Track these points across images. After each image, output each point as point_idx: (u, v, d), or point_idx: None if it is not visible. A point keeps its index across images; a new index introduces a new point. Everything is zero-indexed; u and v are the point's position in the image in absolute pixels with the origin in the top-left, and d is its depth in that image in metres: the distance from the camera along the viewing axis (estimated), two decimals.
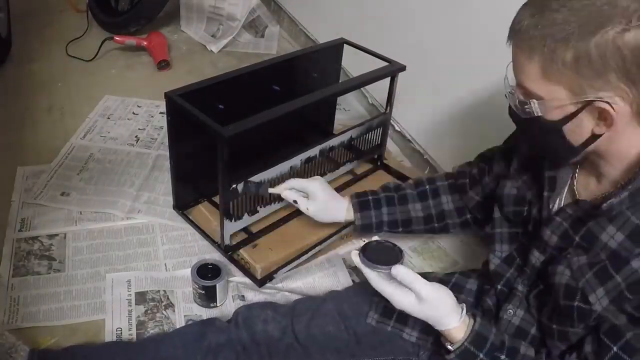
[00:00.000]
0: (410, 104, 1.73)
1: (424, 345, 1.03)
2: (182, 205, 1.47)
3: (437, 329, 0.87)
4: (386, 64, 1.48)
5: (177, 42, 2.46)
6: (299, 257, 1.34)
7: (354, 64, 1.82)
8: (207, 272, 1.23)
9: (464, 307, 0.87)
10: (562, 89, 0.69)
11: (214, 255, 1.37)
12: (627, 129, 0.71)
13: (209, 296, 1.23)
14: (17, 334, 1.11)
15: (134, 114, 1.93)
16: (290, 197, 1.21)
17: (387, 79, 1.49)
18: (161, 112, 1.92)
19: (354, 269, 1.39)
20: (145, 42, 2.28)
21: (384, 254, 0.90)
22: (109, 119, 1.89)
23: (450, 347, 0.86)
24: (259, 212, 1.35)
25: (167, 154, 1.39)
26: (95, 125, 1.85)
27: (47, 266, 1.32)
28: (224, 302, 1.26)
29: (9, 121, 1.82)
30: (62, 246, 1.38)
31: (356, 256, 0.91)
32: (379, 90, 1.80)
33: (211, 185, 1.29)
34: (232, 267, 1.34)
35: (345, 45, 1.59)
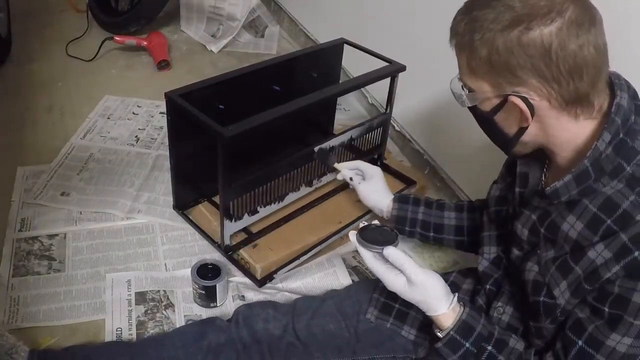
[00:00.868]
0: (410, 104, 1.73)
1: (422, 343, 1.04)
2: (182, 205, 1.47)
3: (427, 315, 0.88)
4: (386, 64, 1.48)
5: (177, 42, 2.46)
6: (299, 257, 1.34)
7: (354, 64, 1.82)
8: (207, 272, 1.23)
9: (456, 296, 0.88)
10: (485, 83, 0.74)
11: (214, 255, 1.37)
12: (553, 121, 0.74)
13: (209, 296, 1.23)
14: (17, 334, 1.11)
15: (134, 114, 1.93)
16: (347, 175, 1.28)
17: (387, 79, 1.49)
18: (161, 112, 1.92)
19: (354, 268, 1.39)
20: (145, 42, 2.28)
21: (381, 236, 0.91)
22: (109, 119, 1.89)
23: (439, 334, 0.87)
24: (259, 212, 1.35)
25: (167, 154, 1.39)
26: (95, 125, 1.85)
27: (47, 266, 1.32)
28: (224, 302, 1.26)
29: (9, 121, 1.82)
30: (62, 246, 1.38)
31: (353, 235, 0.92)
32: (379, 90, 1.80)
33: (211, 185, 1.29)
34: (232, 267, 1.34)
35: (345, 45, 1.59)
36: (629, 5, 1.03)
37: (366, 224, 0.95)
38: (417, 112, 1.75)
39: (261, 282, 1.29)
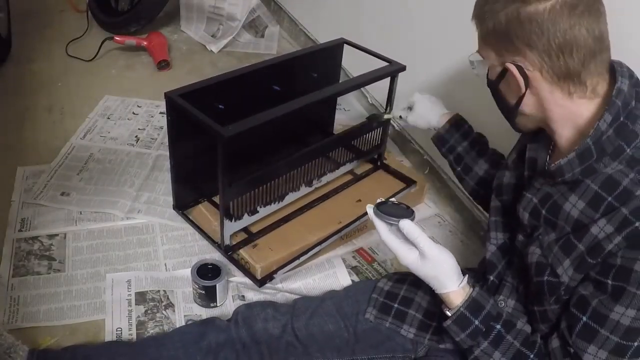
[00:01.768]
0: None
1: (421, 341, 1.04)
2: (182, 205, 1.47)
3: (437, 292, 0.87)
4: (386, 64, 1.48)
5: (177, 42, 2.46)
6: (299, 257, 1.34)
7: (354, 64, 1.82)
8: (207, 272, 1.23)
9: (467, 276, 0.87)
10: (492, 52, 0.81)
11: (214, 255, 1.37)
12: (547, 94, 0.78)
13: (209, 296, 1.23)
14: (17, 334, 1.11)
15: (134, 114, 1.93)
16: (396, 116, 1.38)
17: (387, 79, 1.49)
18: (161, 112, 1.92)
19: (354, 269, 1.39)
20: (145, 42, 2.28)
21: (397, 210, 0.90)
22: (109, 119, 1.89)
23: (448, 313, 0.86)
24: (259, 212, 1.35)
25: (167, 154, 1.39)
26: (95, 125, 1.85)
27: (47, 266, 1.32)
28: (224, 302, 1.26)
29: (9, 121, 1.82)
30: (62, 246, 1.38)
31: (370, 208, 0.91)
32: (379, 90, 1.80)
33: (211, 185, 1.29)
34: (232, 267, 1.34)
35: (345, 45, 1.59)
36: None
37: (384, 200, 0.94)
38: None
39: (261, 282, 1.29)
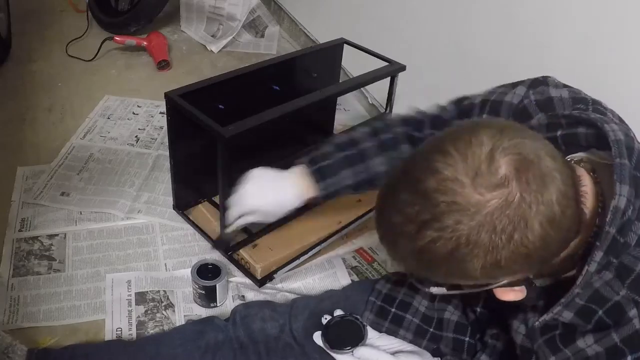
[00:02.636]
0: (410, 104, 1.73)
1: (418, 346, 1.03)
2: (182, 205, 1.47)
3: None
4: (386, 64, 1.48)
5: (177, 42, 2.46)
6: (298, 257, 1.34)
7: (354, 64, 1.82)
8: (207, 272, 1.23)
9: None
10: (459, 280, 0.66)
11: (214, 255, 1.37)
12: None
13: (209, 296, 1.23)
14: (17, 334, 1.11)
15: (134, 114, 1.93)
16: (242, 222, 1.06)
17: (387, 79, 1.49)
18: (161, 112, 1.92)
19: (354, 269, 1.39)
20: (145, 42, 2.28)
21: (348, 330, 0.92)
22: (109, 119, 1.89)
23: None
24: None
25: (167, 154, 1.39)
26: (95, 125, 1.85)
27: (47, 266, 1.32)
28: (224, 302, 1.26)
29: (9, 121, 1.82)
30: (62, 246, 1.38)
31: (318, 339, 0.93)
32: (379, 90, 1.80)
33: (211, 185, 1.29)
34: (232, 267, 1.34)
35: (345, 45, 1.59)
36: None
37: (328, 318, 0.96)
38: None
39: (261, 282, 1.29)
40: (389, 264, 1.42)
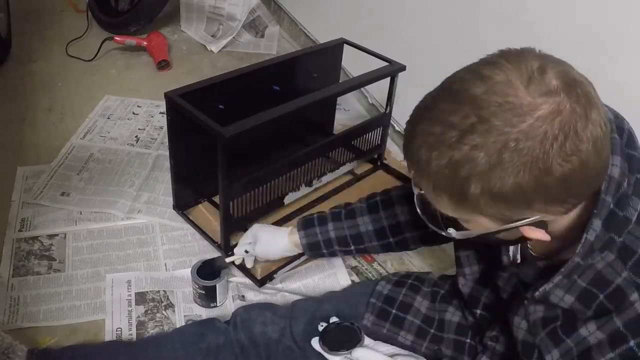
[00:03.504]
0: (410, 104, 1.73)
1: (418, 348, 1.03)
2: (182, 205, 1.47)
3: None
4: (386, 64, 1.48)
5: (177, 42, 2.46)
6: (299, 257, 1.34)
7: (354, 64, 1.82)
8: (207, 272, 1.23)
9: None
10: (482, 217, 0.63)
11: (214, 255, 1.37)
12: (561, 222, 0.67)
13: (209, 296, 1.23)
14: (17, 334, 1.11)
15: (134, 114, 1.93)
16: (240, 255, 1.23)
17: (387, 79, 1.49)
18: (161, 112, 1.92)
19: (354, 269, 1.39)
20: (145, 42, 2.28)
21: (344, 334, 0.93)
22: (109, 119, 1.89)
23: None
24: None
25: (167, 154, 1.39)
26: (95, 125, 1.85)
27: (47, 266, 1.32)
28: (224, 302, 1.26)
29: (9, 121, 1.82)
30: (62, 246, 1.38)
31: (316, 343, 0.93)
32: (379, 90, 1.80)
33: (211, 185, 1.29)
34: (232, 267, 1.34)
35: (345, 45, 1.59)
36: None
37: (325, 325, 0.97)
38: None
39: (261, 282, 1.29)
40: (389, 264, 1.42)
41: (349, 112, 2.06)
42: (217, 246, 1.37)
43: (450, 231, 0.70)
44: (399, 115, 1.78)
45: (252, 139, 1.20)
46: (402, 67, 1.47)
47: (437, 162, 0.58)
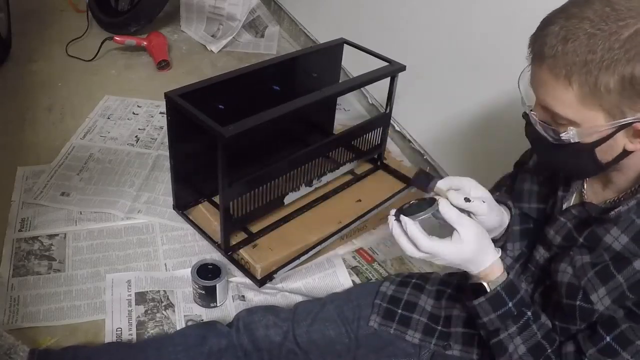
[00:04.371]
0: (410, 104, 1.73)
1: (426, 346, 1.03)
2: (182, 205, 1.47)
3: (473, 272, 0.81)
4: (386, 64, 1.48)
5: (177, 42, 2.46)
6: (299, 257, 1.34)
7: (354, 64, 1.82)
8: (207, 272, 1.23)
9: (500, 250, 0.83)
10: (599, 113, 0.66)
11: (214, 255, 1.37)
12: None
13: (209, 296, 1.23)
14: (17, 334, 1.11)
15: (134, 114, 1.93)
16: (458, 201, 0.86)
17: (387, 79, 1.49)
18: (161, 112, 1.92)
19: (354, 269, 1.39)
20: (145, 42, 2.28)
21: (418, 207, 0.80)
22: (109, 119, 1.89)
23: (486, 286, 0.81)
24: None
25: (167, 154, 1.39)
26: (95, 125, 1.85)
27: (47, 266, 1.32)
28: (224, 302, 1.26)
29: (9, 121, 1.82)
30: (62, 246, 1.38)
31: (392, 218, 0.80)
32: (379, 90, 1.81)
33: (211, 185, 1.29)
34: (232, 267, 1.34)
35: (345, 45, 1.59)
36: None
37: (399, 207, 0.82)
38: (417, 112, 1.75)
39: (261, 282, 1.29)
40: (389, 264, 1.42)
41: (349, 112, 2.06)
42: (217, 246, 1.37)
43: (569, 130, 0.69)
44: (399, 115, 1.78)
45: (252, 139, 1.20)
46: (402, 67, 1.47)
47: (575, 50, 0.63)
